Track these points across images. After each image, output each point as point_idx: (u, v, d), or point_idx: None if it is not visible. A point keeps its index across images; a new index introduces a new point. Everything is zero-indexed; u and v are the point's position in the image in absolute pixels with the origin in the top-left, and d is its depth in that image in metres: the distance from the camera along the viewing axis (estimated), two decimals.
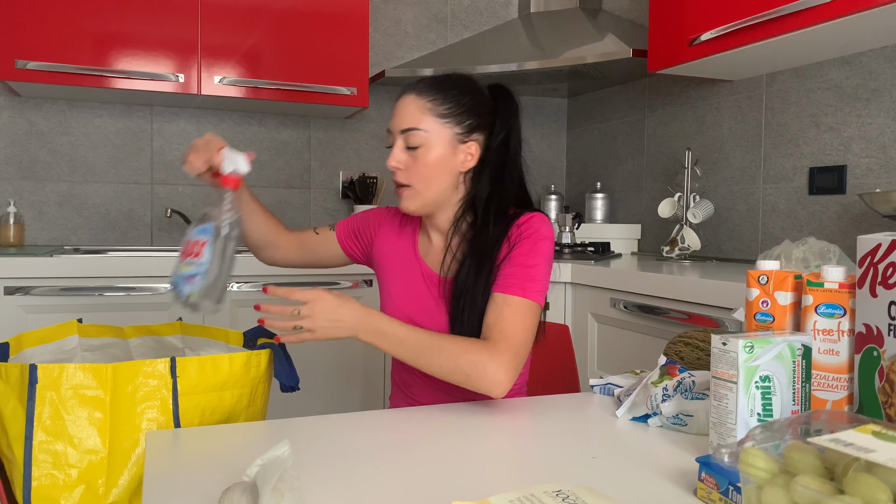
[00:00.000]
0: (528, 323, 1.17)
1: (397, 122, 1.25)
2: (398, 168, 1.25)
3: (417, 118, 1.23)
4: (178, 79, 2.50)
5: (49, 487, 1.02)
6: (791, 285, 0.87)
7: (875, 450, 0.52)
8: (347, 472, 0.78)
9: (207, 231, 1.10)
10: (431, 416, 1.04)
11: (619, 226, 2.82)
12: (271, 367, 1.19)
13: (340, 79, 2.68)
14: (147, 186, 2.82)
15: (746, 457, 0.57)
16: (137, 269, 2.21)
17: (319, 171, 3.05)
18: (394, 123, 1.26)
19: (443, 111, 1.24)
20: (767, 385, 0.78)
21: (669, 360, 1.03)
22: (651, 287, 1.84)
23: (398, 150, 1.25)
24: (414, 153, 1.24)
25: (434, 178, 1.24)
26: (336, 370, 2.46)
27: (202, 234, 1.10)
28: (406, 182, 1.25)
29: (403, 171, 1.25)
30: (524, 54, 2.70)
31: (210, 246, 1.09)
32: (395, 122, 1.26)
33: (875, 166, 1.97)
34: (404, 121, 1.24)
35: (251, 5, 2.58)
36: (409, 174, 1.24)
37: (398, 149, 1.25)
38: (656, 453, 0.86)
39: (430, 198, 1.26)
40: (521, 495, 0.62)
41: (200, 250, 1.08)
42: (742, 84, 2.40)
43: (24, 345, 1.26)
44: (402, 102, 1.26)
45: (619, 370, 1.96)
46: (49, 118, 2.69)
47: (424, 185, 1.25)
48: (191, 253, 1.09)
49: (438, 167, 1.24)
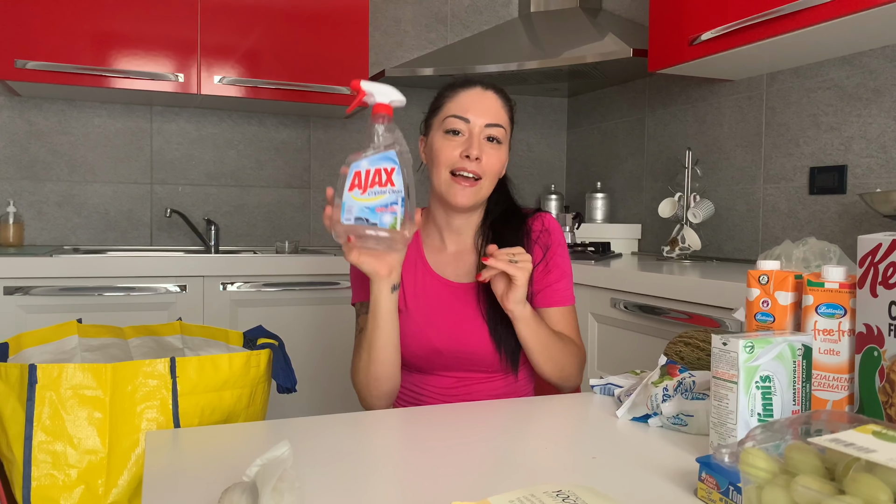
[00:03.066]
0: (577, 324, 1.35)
1: (480, 114, 1.22)
2: (478, 158, 1.21)
3: (502, 115, 1.25)
4: (178, 78, 2.50)
5: (49, 487, 1.02)
6: (791, 285, 0.87)
7: (875, 450, 0.52)
8: (347, 472, 0.78)
9: (390, 159, 1.03)
10: (431, 415, 1.04)
11: (620, 226, 2.82)
12: (271, 367, 1.19)
13: (340, 78, 2.68)
14: (147, 186, 2.82)
15: (747, 457, 0.57)
16: (137, 269, 2.21)
17: (319, 171, 3.05)
18: (473, 114, 1.22)
19: (511, 115, 1.29)
20: (768, 385, 0.78)
21: (670, 360, 1.02)
22: (651, 287, 1.84)
23: (482, 143, 1.22)
24: (489, 146, 1.23)
25: (495, 176, 1.26)
26: (336, 370, 2.46)
27: (385, 162, 1.02)
28: (480, 174, 1.22)
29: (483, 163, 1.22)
30: (524, 54, 2.70)
31: (399, 172, 1.03)
32: (474, 112, 1.22)
33: (875, 166, 1.97)
34: (490, 114, 1.23)
35: (251, 5, 2.58)
36: (482, 166, 1.22)
37: (481, 140, 1.22)
38: (656, 453, 0.85)
39: (483, 195, 1.26)
40: (521, 495, 0.62)
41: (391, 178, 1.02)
42: (742, 84, 2.39)
43: (23, 345, 1.26)
44: (483, 97, 1.24)
45: (619, 370, 1.96)
46: (49, 118, 2.69)
47: (489, 182, 1.25)
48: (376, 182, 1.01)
49: (501, 166, 1.27)
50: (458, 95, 1.25)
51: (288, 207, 3.01)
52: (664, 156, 2.76)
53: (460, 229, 1.30)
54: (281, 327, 2.32)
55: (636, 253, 2.79)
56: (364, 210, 1.02)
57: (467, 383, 1.29)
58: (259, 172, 2.96)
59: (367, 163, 1.02)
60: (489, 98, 1.24)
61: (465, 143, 1.22)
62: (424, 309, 1.27)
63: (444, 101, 1.26)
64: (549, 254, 1.30)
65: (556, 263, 1.30)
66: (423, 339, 1.25)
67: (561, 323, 1.29)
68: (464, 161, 1.21)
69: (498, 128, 1.23)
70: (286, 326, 2.36)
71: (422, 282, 1.29)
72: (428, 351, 1.26)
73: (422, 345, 1.26)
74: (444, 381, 1.29)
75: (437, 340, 1.25)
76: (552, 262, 1.30)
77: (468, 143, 1.21)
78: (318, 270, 2.41)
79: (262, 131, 2.97)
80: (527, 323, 1.18)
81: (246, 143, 2.94)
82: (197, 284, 2.29)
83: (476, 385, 1.29)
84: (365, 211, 1.01)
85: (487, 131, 1.22)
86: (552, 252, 1.30)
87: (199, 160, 2.89)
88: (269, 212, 2.98)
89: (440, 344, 1.25)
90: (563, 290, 1.30)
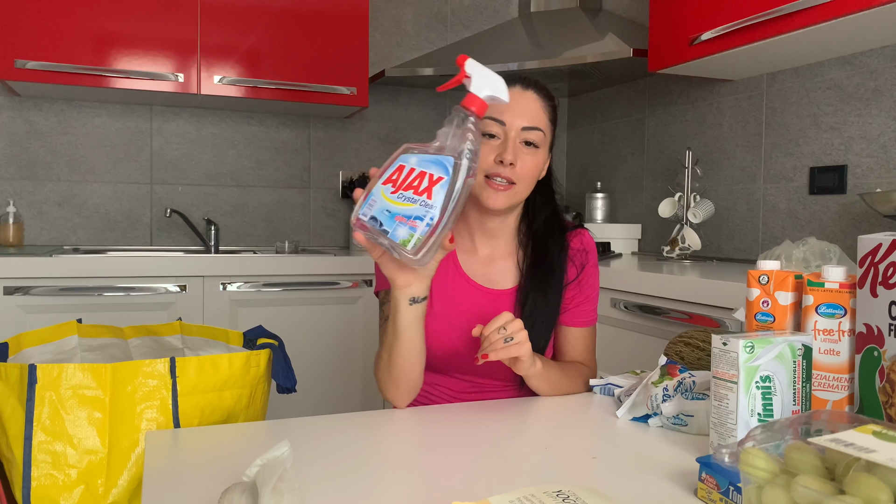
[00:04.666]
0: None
1: (518, 116, 1.17)
2: (512, 164, 1.16)
3: (540, 118, 1.19)
4: (178, 78, 2.50)
5: (48, 487, 1.02)
6: (791, 285, 0.87)
7: (875, 450, 0.52)
8: (347, 472, 0.78)
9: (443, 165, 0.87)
10: (431, 416, 1.04)
11: (620, 226, 2.81)
12: (271, 367, 1.19)
13: (340, 78, 2.68)
14: (146, 186, 2.82)
15: (747, 457, 0.57)
16: (137, 269, 2.21)
17: (319, 171, 3.05)
18: (510, 116, 1.16)
19: (552, 116, 1.22)
20: (768, 385, 0.78)
21: (670, 360, 1.02)
22: (651, 287, 1.84)
23: (517, 147, 1.17)
24: (525, 151, 1.18)
25: (532, 180, 1.21)
26: (336, 370, 2.46)
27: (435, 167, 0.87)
28: (515, 179, 1.17)
29: (517, 168, 1.17)
30: (524, 54, 2.70)
31: (444, 186, 0.86)
32: (512, 115, 1.16)
33: (876, 166, 1.97)
34: (527, 117, 1.18)
35: (251, 5, 2.58)
36: (516, 171, 1.17)
37: (516, 145, 1.17)
38: (656, 453, 0.85)
39: (519, 199, 1.21)
40: (521, 495, 0.62)
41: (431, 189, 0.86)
42: (742, 84, 2.39)
43: (23, 345, 1.26)
44: (522, 97, 1.18)
45: (619, 370, 1.96)
46: (48, 118, 2.69)
47: (524, 187, 1.19)
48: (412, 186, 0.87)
49: (538, 171, 1.21)
50: None
51: (288, 207, 3.01)
52: (664, 156, 2.76)
53: (494, 232, 1.26)
54: (281, 327, 2.32)
55: (636, 253, 2.78)
56: (383, 212, 0.88)
57: (480, 389, 1.27)
58: (259, 172, 2.96)
59: (416, 160, 0.88)
60: (528, 99, 1.18)
61: (500, 146, 1.16)
62: (450, 309, 1.23)
63: None
64: (583, 274, 1.29)
65: (589, 284, 1.29)
66: (446, 339, 1.22)
67: (578, 344, 1.29)
68: (497, 167, 1.15)
69: (535, 131, 1.17)
70: (286, 326, 2.36)
71: (451, 282, 1.25)
72: (449, 352, 1.23)
73: (443, 345, 1.22)
74: (458, 383, 1.27)
75: (460, 343, 1.23)
76: (585, 282, 1.29)
77: (503, 147, 1.16)
78: (318, 270, 2.40)
79: (262, 131, 2.97)
80: (539, 376, 1.15)
81: (246, 143, 2.94)
82: (197, 284, 2.29)
83: (489, 393, 1.27)
84: (383, 213, 0.88)
85: (524, 135, 1.17)
86: (586, 272, 1.29)
87: (199, 160, 2.88)
88: (269, 212, 2.98)
89: (462, 347, 1.23)
90: (588, 312, 1.30)
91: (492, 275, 1.26)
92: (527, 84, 1.20)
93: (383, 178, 0.88)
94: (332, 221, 3.08)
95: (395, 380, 1.12)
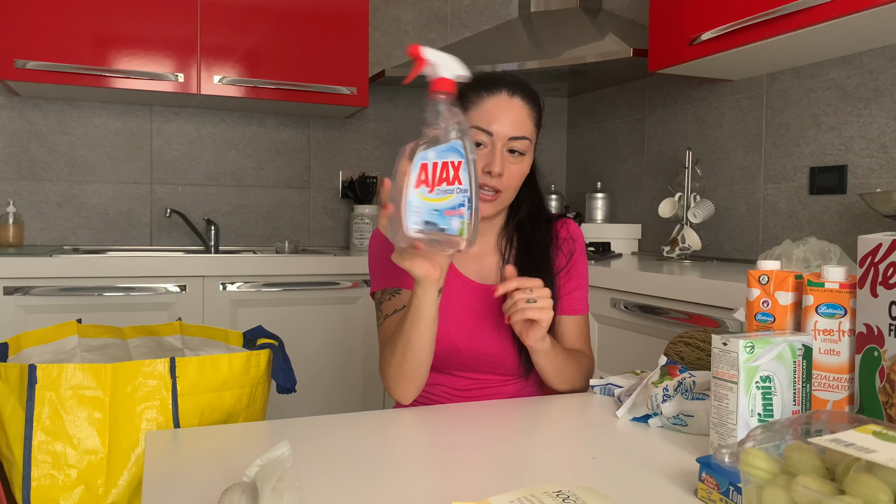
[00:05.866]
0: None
1: (505, 125, 1.17)
2: (500, 174, 1.17)
3: (526, 125, 1.19)
4: (178, 78, 2.50)
5: (48, 488, 1.02)
6: (792, 285, 0.87)
7: (876, 450, 0.52)
8: (347, 472, 0.78)
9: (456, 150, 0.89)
10: (431, 416, 1.04)
11: (620, 226, 2.81)
12: (270, 367, 1.19)
13: (340, 78, 2.68)
14: (146, 186, 2.82)
15: (747, 457, 0.57)
16: (137, 270, 2.21)
17: (319, 171, 3.05)
18: (497, 126, 1.17)
19: (537, 120, 1.23)
20: (768, 385, 0.78)
21: (670, 360, 1.02)
22: (651, 287, 1.84)
23: (504, 157, 1.17)
24: (512, 160, 1.18)
25: (518, 186, 1.22)
26: (336, 370, 2.46)
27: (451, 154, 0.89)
28: (501, 188, 1.18)
29: (503, 177, 1.18)
30: (524, 54, 2.70)
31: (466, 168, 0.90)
32: (499, 124, 1.17)
33: (876, 166, 1.97)
34: (515, 127, 1.18)
35: (251, 5, 2.58)
36: (503, 180, 1.18)
37: (503, 154, 1.17)
38: (656, 454, 0.85)
39: (506, 204, 1.23)
40: (521, 495, 0.62)
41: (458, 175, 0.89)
42: (742, 84, 2.39)
43: (23, 345, 1.26)
44: (509, 105, 1.18)
45: (619, 370, 1.96)
46: (48, 118, 2.69)
47: (511, 193, 1.22)
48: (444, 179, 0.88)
49: (524, 176, 1.23)
50: (482, 103, 1.19)
51: (288, 207, 3.01)
52: (664, 156, 2.76)
53: (482, 231, 1.26)
54: (281, 327, 2.32)
55: (636, 253, 2.78)
56: (433, 213, 0.88)
57: (482, 385, 1.27)
58: (259, 172, 2.96)
59: (433, 154, 0.88)
60: (515, 107, 1.18)
61: (487, 156, 1.17)
62: (446, 306, 1.24)
63: (468, 108, 1.20)
64: (572, 262, 1.30)
65: (578, 272, 1.30)
66: (443, 336, 1.22)
67: (574, 331, 1.29)
68: (485, 177, 1.16)
69: (522, 140, 1.18)
70: (286, 326, 2.36)
71: (446, 280, 1.26)
72: (447, 349, 1.23)
73: (441, 342, 1.22)
74: (459, 381, 1.28)
75: (458, 339, 1.24)
76: (574, 270, 1.30)
77: (490, 156, 1.17)
78: (318, 270, 2.40)
79: (262, 131, 2.97)
80: (546, 354, 1.17)
81: (246, 143, 2.94)
82: (197, 284, 2.29)
83: (491, 389, 1.27)
84: (434, 214, 0.88)
85: (511, 144, 1.18)
86: (575, 260, 1.30)
87: (199, 160, 2.88)
88: (269, 212, 2.98)
89: (460, 343, 1.24)
90: (580, 300, 1.30)
91: (482, 270, 1.28)
92: (513, 90, 1.20)
93: (411, 183, 0.88)
94: (332, 221, 3.08)
95: (408, 375, 1.13)
